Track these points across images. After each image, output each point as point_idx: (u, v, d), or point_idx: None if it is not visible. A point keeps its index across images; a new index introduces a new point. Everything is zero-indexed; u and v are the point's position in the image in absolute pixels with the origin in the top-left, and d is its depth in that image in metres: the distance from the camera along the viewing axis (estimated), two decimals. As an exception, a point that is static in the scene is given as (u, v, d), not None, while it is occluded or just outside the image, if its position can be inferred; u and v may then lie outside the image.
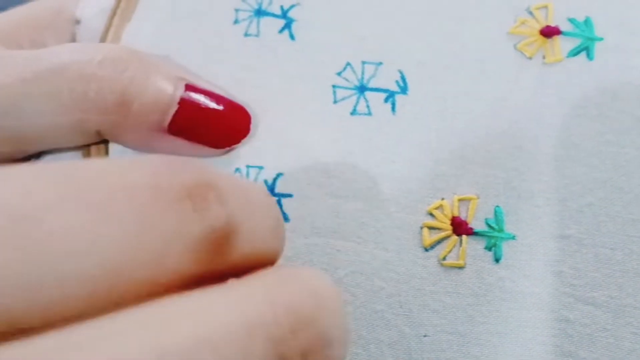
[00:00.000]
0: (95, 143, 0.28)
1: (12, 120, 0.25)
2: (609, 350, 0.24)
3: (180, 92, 0.26)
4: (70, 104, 0.25)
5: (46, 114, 0.25)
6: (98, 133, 0.27)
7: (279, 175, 0.27)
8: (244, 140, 0.28)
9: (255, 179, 0.27)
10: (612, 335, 0.24)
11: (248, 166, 0.27)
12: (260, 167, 0.27)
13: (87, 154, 0.28)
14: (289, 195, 0.27)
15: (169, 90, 0.26)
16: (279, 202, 0.27)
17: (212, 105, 0.27)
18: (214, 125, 0.27)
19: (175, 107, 0.26)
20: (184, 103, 0.26)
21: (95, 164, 0.16)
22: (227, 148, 0.27)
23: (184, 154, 0.27)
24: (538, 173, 0.26)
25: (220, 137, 0.27)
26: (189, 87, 0.27)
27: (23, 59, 0.26)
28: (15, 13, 0.29)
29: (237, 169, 0.27)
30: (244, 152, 0.28)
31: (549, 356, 0.24)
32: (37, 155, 0.29)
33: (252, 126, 0.28)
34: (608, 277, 0.25)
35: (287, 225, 0.26)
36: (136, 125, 0.26)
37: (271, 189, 0.27)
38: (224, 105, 0.27)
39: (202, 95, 0.27)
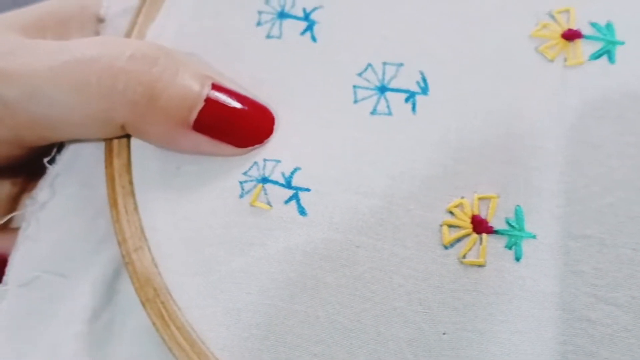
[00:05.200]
0: (118, 137, 0.28)
1: (36, 106, 0.26)
2: (630, 350, 0.24)
3: (207, 91, 0.27)
4: (98, 95, 0.26)
5: (73, 103, 0.26)
6: (122, 127, 0.27)
7: (296, 169, 0.27)
8: (266, 141, 0.28)
9: (272, 172, 0.27)
10: (633, 335, 0.24)
11: (265, 159, 0.27)
12: (278, 161, 0.27)
13: (109, 148, 0.28)
14: (306, 190, 0.27)
15: (196, 88, 0.26)
16: (296, 195, 0.27)
17: (238, 105, 0.27)
18: (238, 124, 0.27)
19: (201, 105, 0.26)
20: (210, 101, 0.27)
21: None
22: (250, 147, 0.28)
23: (206, 151, 0.27)
24: (559, 173, 0.26)
25: (244, 137, 0.27)
26: (215, 86, 0.27)
27: (51, 48, 0.26)
28: (39, 7, 0.30)
29: (255, 163, 0.27)
30: (262, 147, 0.28)
31: (570, 356, 0.24)
32: (59, 147, 0.29)
33: (274, 127, 0.28)
34: (630, 277, 0.24)
35: (304, 219, 0.26)
36: (162, 120, 0.26)
37: (288, 181, 0.27)
38: (248, 106, 0.27)
39: (228, 94, 0.27)
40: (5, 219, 0.30)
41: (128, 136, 0.28)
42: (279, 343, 0.25)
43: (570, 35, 0.27)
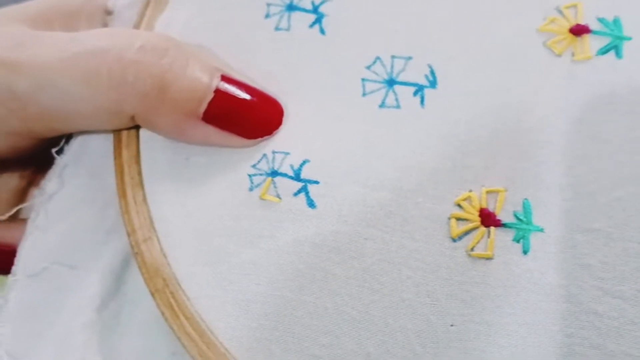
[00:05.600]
0: (127, 128, 0.28)
1: (46, 97, 0.26)
2: (637, 343, 0.24)
3: (216, 82, 0.27)
4: (108, 86, 0.26)
5: (83, 94, 0.26)
6: (132, 118, 0.27)
7: (305, 161, 0.27)
8: (275, 132, 0.28)
9: (281, 164, 0.27)
10: None
11: (274, 152, 0.27)
12: (287, 153, 0.27)
13: (118, 138, 0.28)
14: (315, 182, 0.27)
15: (206, 79, 0.27)
16: (305, 188, 0.27)
17: (246, 96, 0.27)
18: (247, 116, 0.27)
19: (210, 96, 0.27)
20: (219, 93, 0.27)
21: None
22: (259, 139, 0.28)
23: (216, 143, 0.27)
24: (567, 167, 0.26)
25: (253, 128, 0.28)
26: (225, 78, 0.27)
27: (60, 39, 0.26)
28: (48, 0, 0.30)
29: (264, 155, 0.27)
30: (271, 139, 0.28)
31: (576, 348, 0.24)
32: (67, 138, 0.29)
33: (283, 119, 0.28)
34: (636, 271, 0.25)
35: (313, 212, 0.26)
36: (171, 111, 0.26)
37: (297, 174, 0.27)
38: (257, 97, 0.28)
39: (237, 86, 0.27)
40: (14, 210, 0.30)
41: (137, 127, 0.28)
42: (288, 333, 0.25)
43: (578, 30, 0.28)
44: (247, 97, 0.27)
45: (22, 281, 0.28)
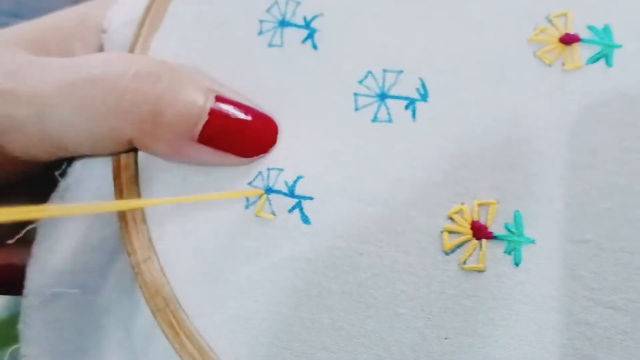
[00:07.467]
0: (126, 151, 0.29)
1: (45, 125, 0.26)
2: (628, 353, 0.24)
3: (210, 103, 0.27)
4: (105, 113, 0.26)
5: (80, 122, 0.26)
6: (130, 142, 0.28)
7: (299, 177, 0.28)
8: (270, 150, 0.28)
9: (275, 181, 0.28)
10: (631, 338, 0.24)
11: (269, 169, 0.28)
12: (281, 169, 0.28)
13: (117, 162, 0.29)
14: (309, 198, 0.27)
15: (200, 102, 0.27)
16: (299, 204, 0.27)
17: (241, 116, 0.28)
18: (243, 135, 0.28)
19: (205, 118, 0.27)
20: (214, 114, 0.27)
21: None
22: (254, 157, 0.28)
23: (212, 162, 0.28)
24: (558, 178, 0.26)
25: (248, 147, 0.28)
26: (219, 99, 0.28)
27: (58, 67, 0.27)
28: (42, 22, 0.30)
29: (259, 173, 0.28)
30: (266, 156, 0.28)
31: (568, 359, 0.24)
32: (69, 161, 0.30)
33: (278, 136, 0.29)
34: (627, 280, 0.25)
35: (308, 228, 0.27)
36: (167, 135, 0.27)
37: (291, 190, 0.27)
38: (252, 116, 0.28)
39: (232, 106, 0.28)
40: (22, 233, 0.30)
41: (135, 149, 0.29)
42: (285, 350, 0.26)
43: (568, 40, 0.28)
44: (242, 116, 0.28)
45: (37, 306, 0.29)
